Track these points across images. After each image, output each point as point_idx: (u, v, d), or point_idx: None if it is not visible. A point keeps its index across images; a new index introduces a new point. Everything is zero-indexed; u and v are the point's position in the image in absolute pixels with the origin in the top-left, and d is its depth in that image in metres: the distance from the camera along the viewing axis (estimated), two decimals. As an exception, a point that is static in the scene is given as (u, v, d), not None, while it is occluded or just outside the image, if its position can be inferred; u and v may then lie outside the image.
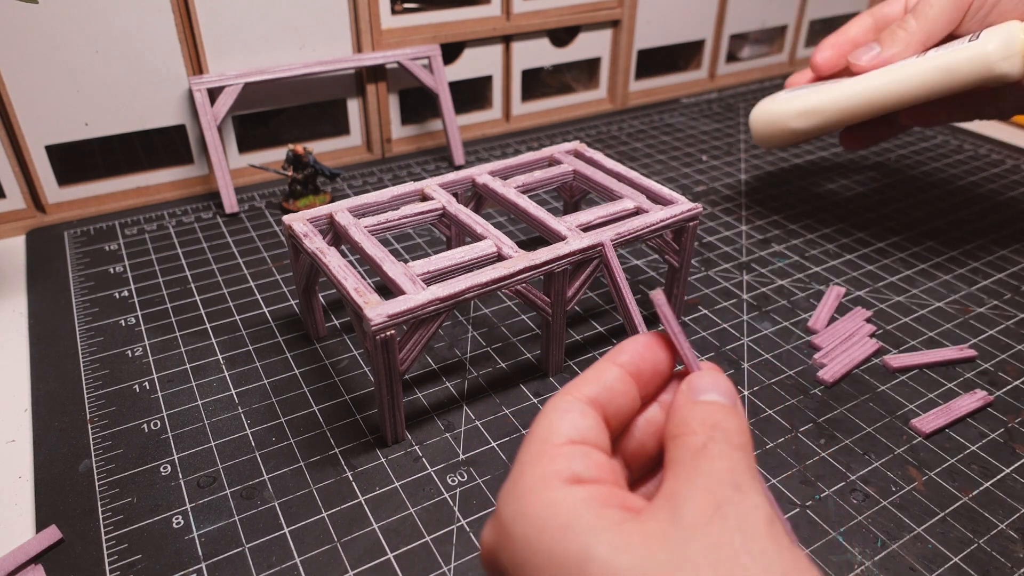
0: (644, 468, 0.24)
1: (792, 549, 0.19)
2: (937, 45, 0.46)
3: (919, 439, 0.37)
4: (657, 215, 0.40)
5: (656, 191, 0.43)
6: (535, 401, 0.39)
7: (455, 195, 0.44)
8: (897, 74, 0.45)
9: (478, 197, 0.45)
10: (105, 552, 0.31)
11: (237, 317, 0.46)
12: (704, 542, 0.19)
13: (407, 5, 0.65)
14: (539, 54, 0.72)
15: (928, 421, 0.37)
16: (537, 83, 0.77)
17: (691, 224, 0.41)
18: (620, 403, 0.24)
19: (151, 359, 0.42)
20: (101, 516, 0.32)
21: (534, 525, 0.20)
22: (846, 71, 0.50)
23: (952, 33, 0.47)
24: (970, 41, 0.43)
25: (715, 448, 0.21)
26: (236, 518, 0.32)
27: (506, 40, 0.69)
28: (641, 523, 0.20)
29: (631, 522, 0.20)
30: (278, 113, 0.65)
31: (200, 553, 0.31)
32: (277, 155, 0.64)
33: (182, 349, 0.43)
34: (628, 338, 0.26)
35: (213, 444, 0.36)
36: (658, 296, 0.25)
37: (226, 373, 0.41)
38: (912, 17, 0.46)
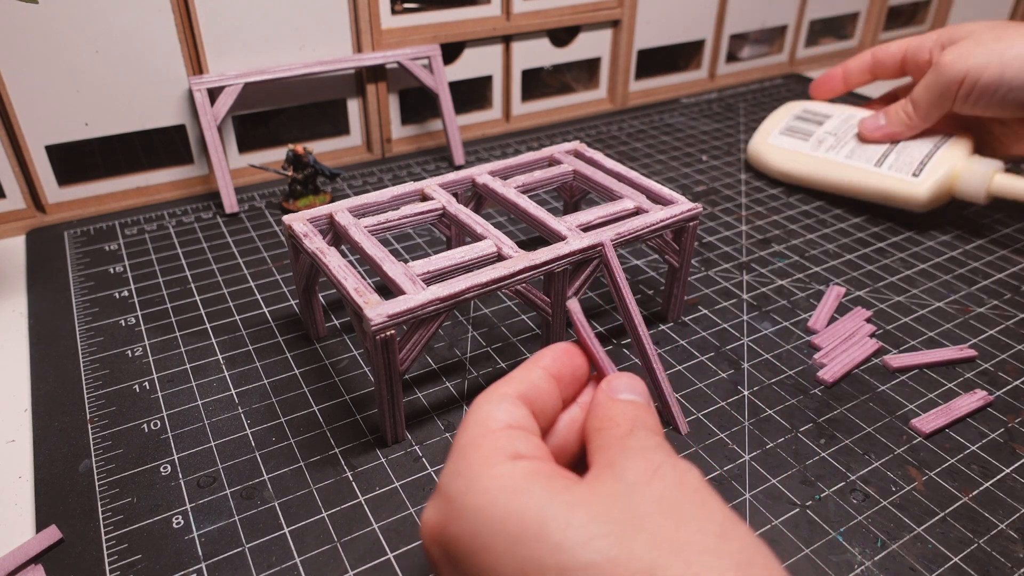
0: (567, 466, 0.26)
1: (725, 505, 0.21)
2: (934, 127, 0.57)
3: (919, 439, 0.37)
4: (657, 215, 0.40)
5: (656, 191, 0.43)
6: (535, 401, 0.39)
7: (455, 195, 0.44)
8: (858, 177, 0.57)
9: (478, 197, 0.45)
10: (105, 552, 0.31)
11: (237, 317, 0.46)
12: (650, 495, 0.20)
13: (407, 5, 0.65)
14: (539, 54, 0.72)
15: (928, 421, 0.37)
16: (537, 83, 0.77)
17: (691, 224, 0.41)
18: (545, 401, 0.25)
19: (151, 359, 0.42)
20: (101, 516, 0.32)
21: (486, 494, 0.21)
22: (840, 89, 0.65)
23: (949, 112, 0.54)
24: (913, 175, 0.55)
25: (640, 433, 0.23)
26: (236, 518, 0.32)
27: (506, 40, 0.69)
28: (588, 486, 0.21)
29: (579, 486, 0.21)
30: (278, 113, 0.65)
31: (200, 553, 0.31)
32: (277, 155, 0.64)
33: (182, 349, 0.43)
34: (548, 346, 0.27)
35: (213, 444, 0.36)
36: (573, 304, 0.28)
37: (226, 373, 0.41)
38: (909, 104, 0.55)
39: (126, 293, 0.48)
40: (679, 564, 0.19)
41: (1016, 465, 0.35)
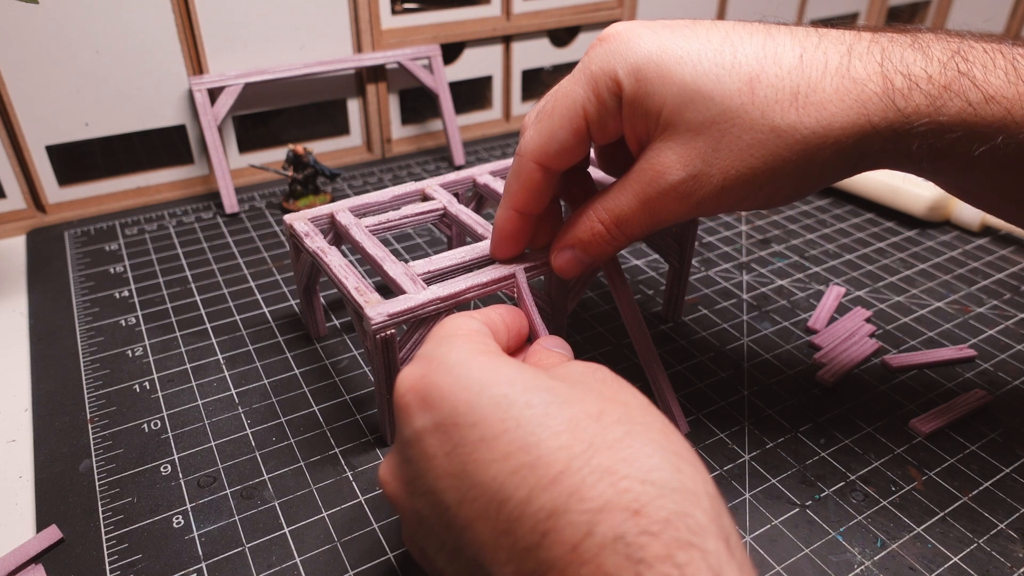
0: None
1: None
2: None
3: (919, 439, 0.37)
4: (657, 215, 0.40)
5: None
6: (535, 401, 0.39)
7: (456, 195, 0.44)
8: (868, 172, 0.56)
9: (479, 197, 0.45)
10: (105, 552, 0.31)
11: (237, 317, 0.46)
12: (595, 378, 0.25)
13: (407, 5, 0.65)
14: (539, 54, 0.72)
15: (928, 421, 0.37)
16: (537, 83, 0.77)
17: (691, 224, 0.41)
18: (499, 339, 0.29)
19: (151, 359, 0.42)
20: (101, 516, 0.32)
21: (466, 354, 0.24)
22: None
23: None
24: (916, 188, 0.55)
25: (568, 362, 0.27)
26: (236, 518, 0.32)
27: (506, 40, 0.69)
28: (543, 370, 0.25)
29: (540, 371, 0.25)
30: (278, 113, 0.65)
31: (200, 553, 0.31)
32: (277, 155, 0.64)
33: (182, 349, 0.43)
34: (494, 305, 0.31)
35: (213, 444, 0.36)
36: (520, 275, 0.34)
37: (226, 373, 0.41)
38: (611, 223, 0.32)
39: (126, 293, 0.48)
40: (620, 410, 0.23)
41: (1016, 465, 0.35)
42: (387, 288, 0.46)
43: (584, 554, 0.19)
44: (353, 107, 0.65)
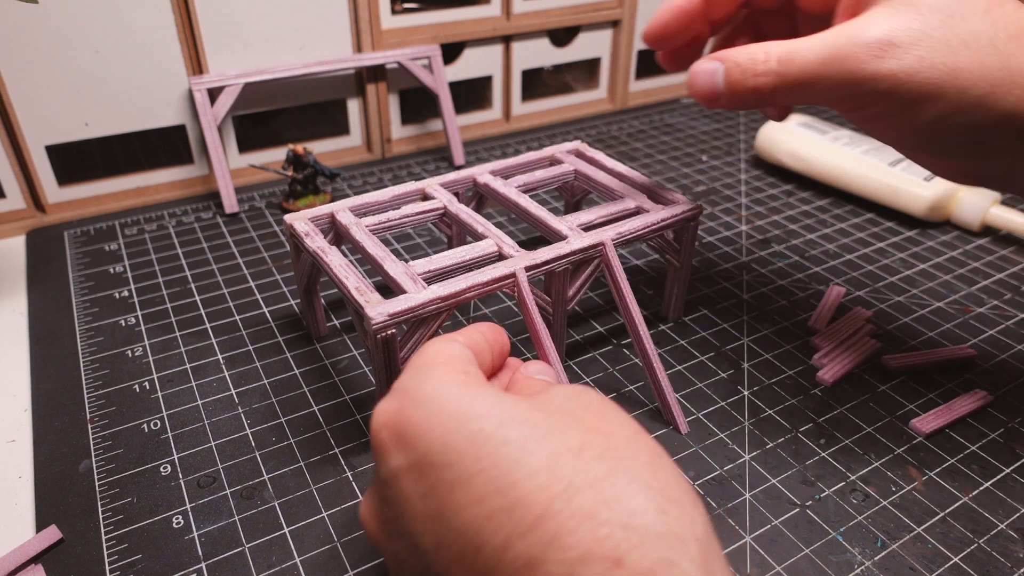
0: None
1: None
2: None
3: (919, 439, 0.37)
4: (658, 215, 0.40)
5: (657, 191, 0.43)
6: (535, 401, 0.39)
7: (456, 195, 0.44)
8: (870, 172, 0.57)
9: (479, 197, 0.45)
10: (105, 552, 0.31)
11: (237, 317, 0.46)
12: (579, 404, 0.23)
13: (407, 5, 0.65)
14: (539, 54, 0.72)
15: (928, 421, 0.37)
16: (537, 83, 0.77)
17: (691, 224, 0.41)
18: (483, 360, 0.27)
19: (151, 359, 0.42)
20: (101, 516, 0.32)
21: (442, 387, 0.23)
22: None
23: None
24: (924, 179, 0.55)
25: (553, 388, 0.25)
26: (236, 518, 0.32)
27: (506, 40, 0.69)
28: (527, 399, 0.24)
29: (520, 398, 0.23)
30: (278, 113, 0.65)
31: (200, 553, 0.31)
32: (277, 155, 0.64)
33: (182, 349, 0.43)
34: (480, 322, 0.30)
35: (213, 444, 0.36)
36: (520, 274, 0.35)
37: (226, 373, 0.41)
38: (776, 60, 0.30)
39: (126, 293, 0.48)
40: (603, 441, 0.21)
41: (1016, 465, 0.35)
42: (387, 288, 0.46)
43: None
44: (353, 107, 0.65)
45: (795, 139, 0.62)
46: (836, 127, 0.63)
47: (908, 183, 0.55)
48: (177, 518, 0.32)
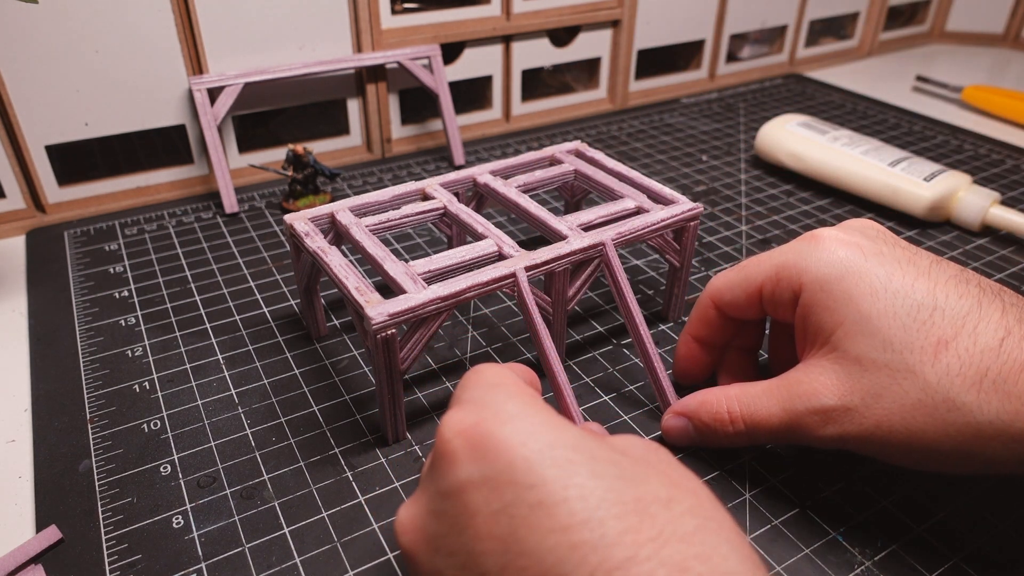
0: None
1: None
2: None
3: (919, 439, 0.37)
4: (658, 215, 0.40)
5: (657, 191, 0.43)
6: (535, 401, 0.39)
7: (456, 195, 0.44)
8: (870, 172, 0.57)
9: (479, 197, 0.45)
10: (105, 552, 0.31)
11: (237, 317, 0.46)
12: (658, 458, 0.23)
13: (407, 5, 0.65)
14: (539, 54, 0.72)
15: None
16: (537, 83, 0.77)
17: (692, 224, 0.41)
18: None
19: (151, 359, 0.42)
20: (101, 516, 0.32)
21: (527, 406, 0.22)
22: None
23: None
24: (924, 179, 0.55)
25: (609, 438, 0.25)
26: (236, 518, 0.32)
27: (506, 40, 0.69)
28: (602, 439, 0.23)
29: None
30: (278, 113, 0.65)
31: (200, 553, 0.31)
32: (277, 155, 0.64)
33: (182, 349, 0.43)
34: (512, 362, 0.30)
35: (213, 444, 0.36)
36: (520, 274, 0.35)
37: (226, 373, 0.41)
38: (743, 423, 0.32)
39: (126, 293, 0.48)
40: (691, 499, 0.21)
41: (1016, 465, 0.35)
42: (387, 288, 0.46)
43: None
44: (353, 107, 0.65)
45: (795, 139, 0.62)
46: (836, 127, 0.63)
47: (908, 183, 0.55)
48: (177, 518, 0.32)
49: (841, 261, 0.30)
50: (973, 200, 0.54)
